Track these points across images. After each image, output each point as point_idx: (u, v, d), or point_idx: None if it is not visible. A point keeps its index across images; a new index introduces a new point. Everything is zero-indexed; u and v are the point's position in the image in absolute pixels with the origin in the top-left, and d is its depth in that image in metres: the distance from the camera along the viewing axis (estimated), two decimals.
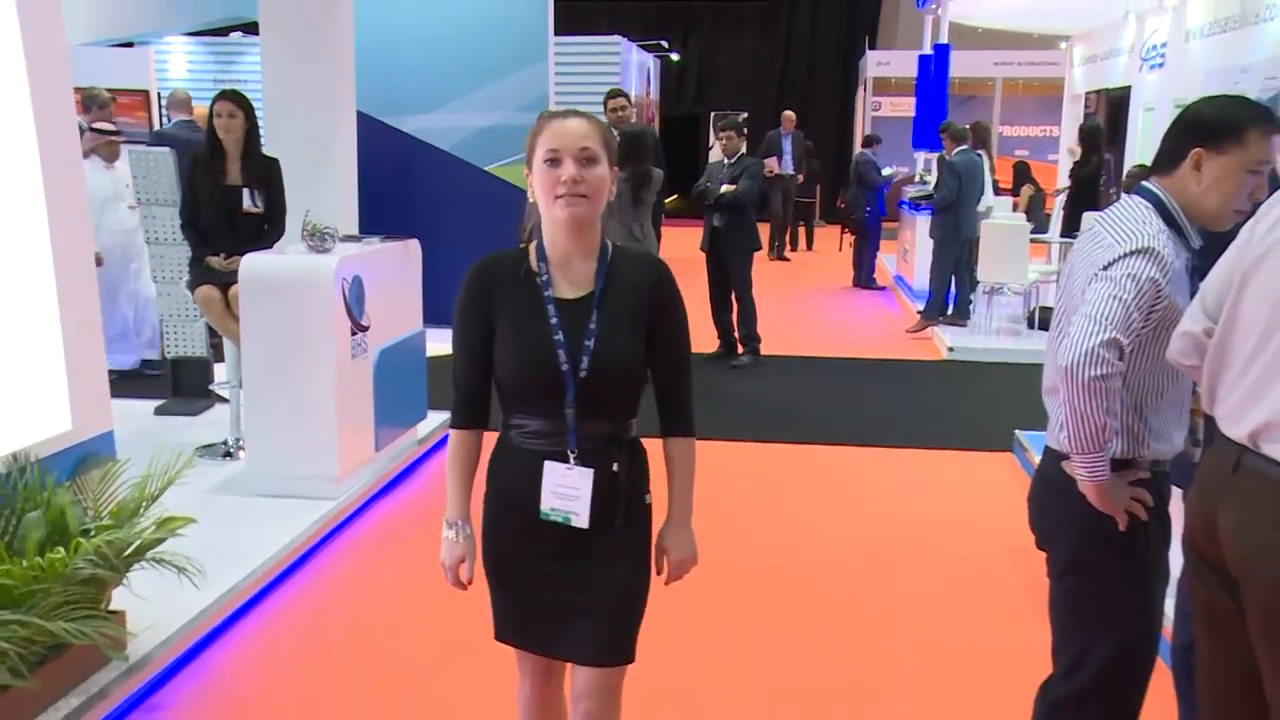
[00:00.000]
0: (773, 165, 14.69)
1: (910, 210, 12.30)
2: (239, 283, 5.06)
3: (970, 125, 10.47)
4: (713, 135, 17.41)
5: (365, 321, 5.24)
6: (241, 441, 5.57)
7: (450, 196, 9.35)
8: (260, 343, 5.01)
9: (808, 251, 16.40)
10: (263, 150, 5.75)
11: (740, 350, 8.69)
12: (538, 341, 2.22)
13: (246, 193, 5.59)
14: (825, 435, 6.79)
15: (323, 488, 5.01)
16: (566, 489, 2.25)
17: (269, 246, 5.46)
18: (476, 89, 9.69)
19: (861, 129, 18.76)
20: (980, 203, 10.02)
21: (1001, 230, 9.46)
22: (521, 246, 2.32)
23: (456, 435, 2.37)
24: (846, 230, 14.44)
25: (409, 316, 5.91)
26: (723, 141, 8.91)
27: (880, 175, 13.05)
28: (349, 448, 5.14)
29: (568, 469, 2.24)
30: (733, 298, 8.64)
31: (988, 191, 10.42)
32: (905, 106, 17.37)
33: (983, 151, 10.43)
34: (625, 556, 2.33)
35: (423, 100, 9.59)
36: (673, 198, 17.73)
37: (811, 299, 12.28)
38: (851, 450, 6.52)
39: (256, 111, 5.74)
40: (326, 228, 5.20)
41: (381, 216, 8.20)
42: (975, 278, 9.82)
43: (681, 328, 2.34)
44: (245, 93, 5.74)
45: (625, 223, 6.99)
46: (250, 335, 5.03)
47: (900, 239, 13.41)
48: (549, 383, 2.22)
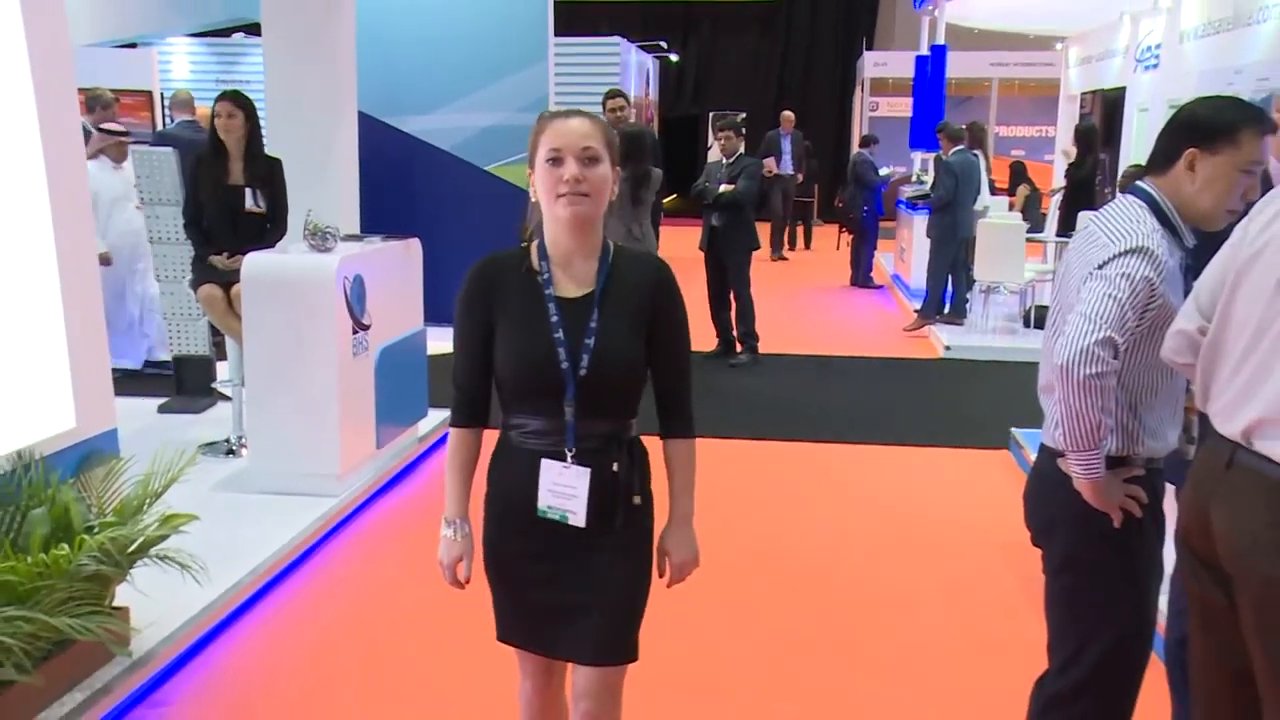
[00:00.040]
0: (771, 165, 14.69)
1: (907, 210, 12.30)
2: (241, 282, 5.06)
3: (967, 125, 10.47)
4: (711, 135, 17.43)
5: (366, 320, 5.25)
6: (244, 439, 5.58)
7: (451, 196, 9.36)
8: (262, 341, 5.01)
9: (805, 250, 16.39)
10: (265, 150, 5.76)
11: (738, 348, 8.69)
12: (538, 340, 2.21)
13: (249, 192, 5.59)
14: (823, 433, 6.79)
15: (324, 485, 5.02)
16: (563, 487, 2.23)
17: (271, 246, 5.45)
18: (477, 89, 9.69)
19: (859, 129, 18.75)
20: (977, 202, 10.03)
21: (998, 230, 9.46)
22: (523, 245, 2.31)
23: (456, 434, 2.36)
24: (844, 229, 14.45)
25: (410, 315, 5.91)
26: (721, 141, 8.92)
27: (877, 175, 13.06)
28: (350, 445, 5.14)
29: (564, 467, 2.23)
30: (731, 296, 8.65)
31: (984, 191, 10.42)
32: (902, 107, 17.35)
33: (979, 151, 10.43)
34: (625, 556, 2.31)
35: (423, 100, 9.59)
36: (671, 197, 17.74)
37: (809, 298, 12.29)
38: (849, 448, 6.52)
39: (259, 112, 5.74)
40: (328, 227, 5.20)
41: (383, 216, 8.21)
42: (972, 277, 9.82)
43: (682, 328, 2.32)
44: (247, 93, 5.74)
45: (625, 222, 6.99)
46: (252, 334, 5.04)
47: (897, 238, 13.41)
48: (549, 381, 2.20)
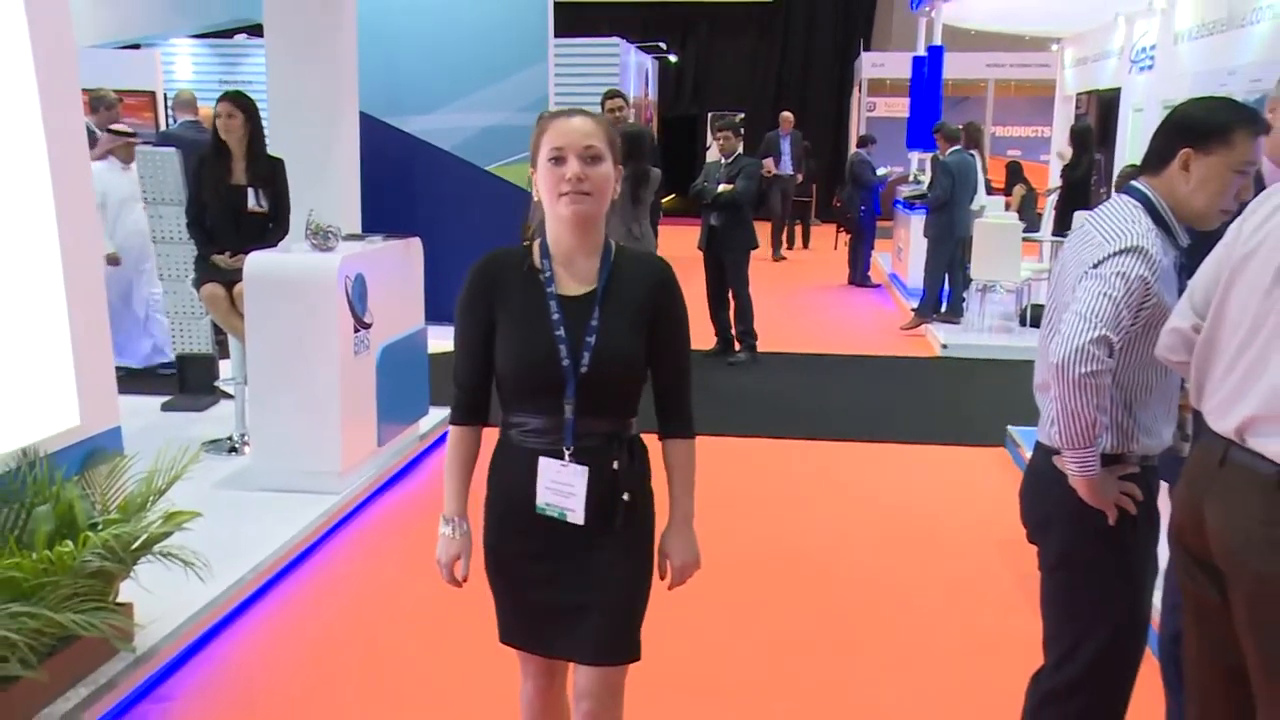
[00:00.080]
0: (770, 166, 14.68)
1: (904, 209, 12.30)
2: (244, 280, 5.06)
3: (963, 126, 10.47)
4: (710, 135, 17.42)
5: (368, 319, 5.25)
6: (246, 437, 5.58)
7: (451, 196, 9.35)
8: (265, 340, 5.01)
9: (804, 250, 16.39)
10: (267, 150, 5.75)
11: (737, 347, 8.69)
12: (539, 337, 2.20)
13: (251, 192, 5.59)
14: (820, 430, 6.79)
15: (326, 482, 5.02)
16: (561, 485, 2.22)
17: (273, 245, 5.46)
18: (477, 90, 9.68)
19: (856, 129, 18.75)
20: (973, 202, 10.03)
21: (994, 229, 9.46)
22: (525, 244, 2.30)
23: (456, 431, 2.35)
24: (842, 229, 14.44)
25: (411, 314, 5.91)
26: (720, 141, 8.92)
27: (875, 175, 13.05)
28: (352, 443, 5.14)
29: (562, 465, 2.21)
30: (729, 295, 8.65)
31: (980, 191, 10.42)
32: (899, 107, 17.34)
33: (975, 152, 10.43)
34: (626, 555, 2.30)
35: (424, 101, 9.59)
36: (670, 197, 17.73)
37: (807, 297, 12.29)
38: (846, 445, 6.52)
39: (261, 112, 5.74)
40: (330, 226, 5.20)
41: (384, 215, 8.21)
42: (968, 276, 9.82)
43: (682, 328, 2.31)
44: (250, 94, 5.74)
45: (625, 221, 6.99)
46: (255, 332, 5.04)
47: (895, 237, 13.41)
48: (549, 378, 2.19)
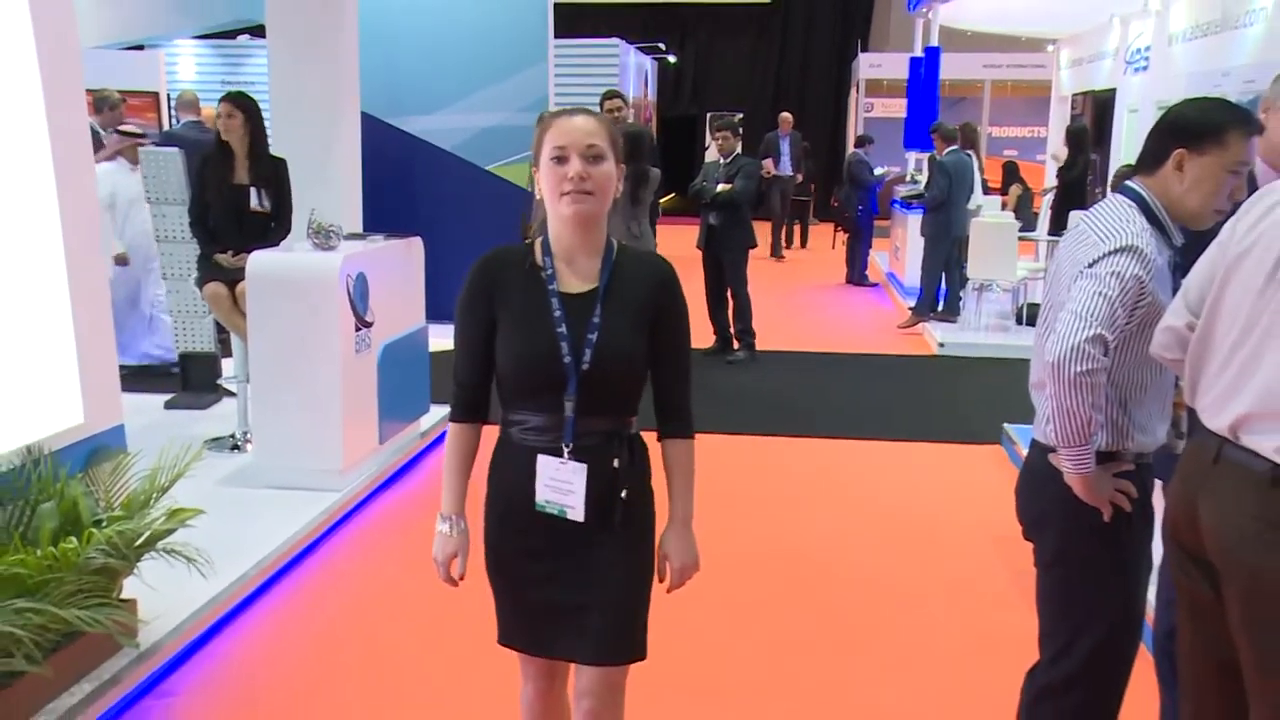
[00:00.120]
0: (770, 167, 14.68)
1: (902, 209, 12.30)
2: (246, 279, 5.06)
3: (959, 126, 10.48)
4: (709, 135, 17.42)
5: (369, 317, 5.25)
6: (249, 435, 5.58)
7: (452, 195, 9.35)
8: (267, 338, 5.01)
9: (802, 249, 16.40)
10: (270, 150, 5.75)
11: (736, 345, 8.70)
12: (541, 334, 2.19)
13: (254, 192, 5.59)
14: (818, 428, 6.79)
15: (328, 480, 5.02)
16: (560, 482, 2.20)
17: (275, 244, 5.46)
18: (478, 90, 9.68)
19: (854, 129, 18.74)
20: (970, 201, 10.03)
21: (990, 228, 9.47)
22: (526, 242, 2.29)
23: (455, 429, 2.34)
24: (839, 228, 14.44)
25: (412, 312, 5.91)
26: (719, 141, 8.92)
27: (872, 175, 13.06)
28: (353, 441, 5.14)
29: (561, 463, 2.20)
30: (728, 294, 8.65)
31: (977, 190, 10.42)
32: (897, 108, 17.35)
33: (972, 152, 10.44)
34: (626, 553, 2.28)
35: (425, 101, 9.59)
36: (669, 197, 17.72)
37: (805, 295, 12.29)
38: (844, 443, 6.53)
39: (263, 113, 5.74)
40: (331, 226, 5.20)
41: (385, 215, 8.21)
42: (965, 275, 9.82)
43: (683, 328, 2.30)
44: (252, 94, 5.74)
45: (624, 220, 6.99)
46: (257, 331, 5.04)
47: (892, 237, 13.41)
48: (551, 375, 2.18)
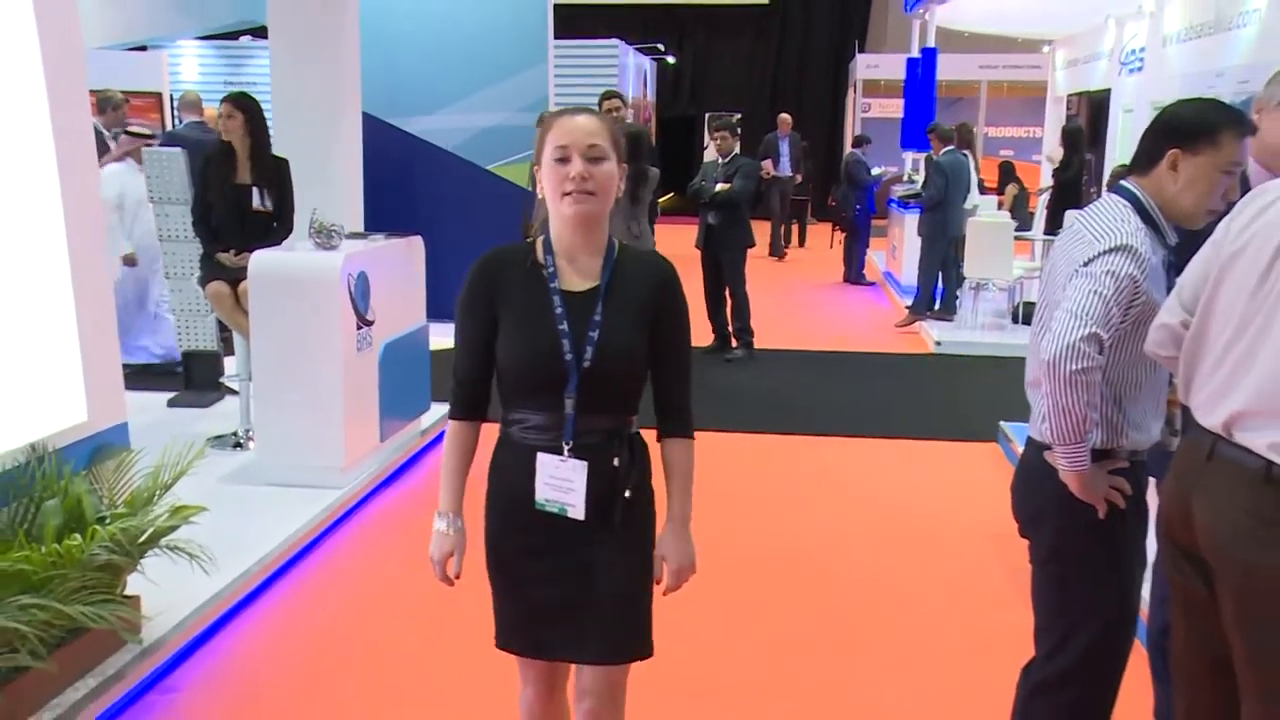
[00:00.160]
0: (769, 168, 14.68)
1: (899, 208, 12.30)
2: (248, 278, 5.07)
3: (956, 126, 10.48)
4: (707, 135, 17.41)
5: (370, 316, 5.25)
6: (251, 432, 5.58)
7: (453, 195, 9.34)
8: (269, 337, 5.02)
9: (800, 248, 16.40)
10: (272, 151, 5.75)
11: (734, 344, 8.70)
12: (542, 332, 2.17)
13: (256, 191, 5.59)
14: (816, 426, 6.80)
15: (329, 477, 5.02)
16: (560, 481, 2.19)
17: (277, 243, 5.46)
18: (478, 90, 9.68)
19: (851, 129, 18.75)
20: (966, 201, 10.04)
21: (987, 228, 9.47)
22: (528, 241, 2.28)
23: (455, 426, 2.32)
24: (837, 228, 14.44)
25: (413, 311, 5.92)
26: (717, 141, 8.91)
27: (870, 174, 13.07)
28: (355, 439, 5.15)
29: (561, 461, 2.18)
30: (727, 293, 8.65)
31: (973, 190, 10.43)
32: (894, 108, 17.35)
33: (968, 152, 10.44)
34: (626, 552, 2.26)
35: (426, 101, 9.59)
36: (668, 196, 17.72)
37: (803, 294, 12.29)
38: (841, 441, 6.53)
39: (265, 113, 5.73)
40: (333, 225, 5.20)
41: (386, 214, 8.21)
42: (961, 274, 9.83)
43: (684, 328, 2.29)
44: (254, 95, 5.74)
45: (625, 220, 6.99)
46: (259, 329, 5.04)
47: (889, 236, 13.41)
48: (552, 373, 2.16)
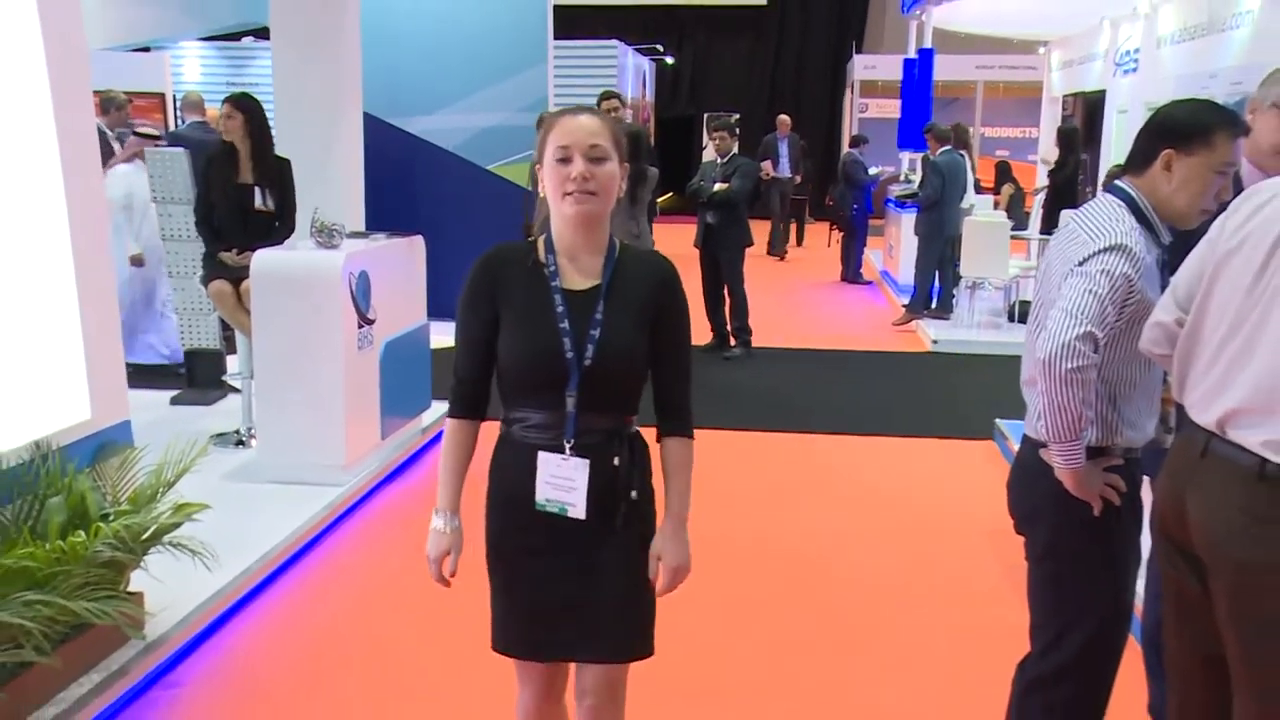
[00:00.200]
0: (769, 169, 14.68)
1: (896, 208, 12.30)
2: (250, 277, 5.07)
3: (952, 127, 10.47)
4: (706, 136, 17.42)
5: (371, 315, 5.25)
6: (253, 430, 5.57)
7: (453, 194, 9.35)
8: (271, 335, 5.02)
9: (798, 247, 16.40)
10: (275, 151, 5.75)
11: (732, 342, 8.70)
12: (543, 330, 2.16)
13: (258, 191, 5.59)
14: (814, 424, 6.80)
15: (331, 475, 5.02)
16: (561, 480, 2.17)
17: (279, 243, 5.46)
18: (478, 91, 9.68)
19: (849, 130, 18.73)
20: (963, 200, 10.03)
21: (983, 227, 9.47)
22: (529, 239, 2.27)
23: (454, 424, 2.30)
24: (835, 227, 14.44)
25: (414, 310, 5.91)
26: (715, 141, 8.91)
27: (867, 174, 13.07)
28: (356, 436, 5.15)
29: (562, 459, 2.16)
30: (725, 292, 8.65)
31: (969, 190, 10.43)
32: (891, 108, 17.32)
33: (964, 152, 10.44)
34: (627, 552, 2.24)
35: (427, 102, 9.58)
36: (667, 196, 17.72)
37: (801, 293, 12.29)
38: (839, 438, 6.53)
39: (267, 113, 5.73)
40: (334, 225, 5.20)
41: (387, 214, 8.21)
42: (958, 273, 9.83)
43: (684, 328, 2.27)
44: (256, 95, 5.74)
45: (624, 219, 6.99)
46: (261, 328, 5.04)
47: (886, 235, 13.41)
48: (553, 371, 2.15)
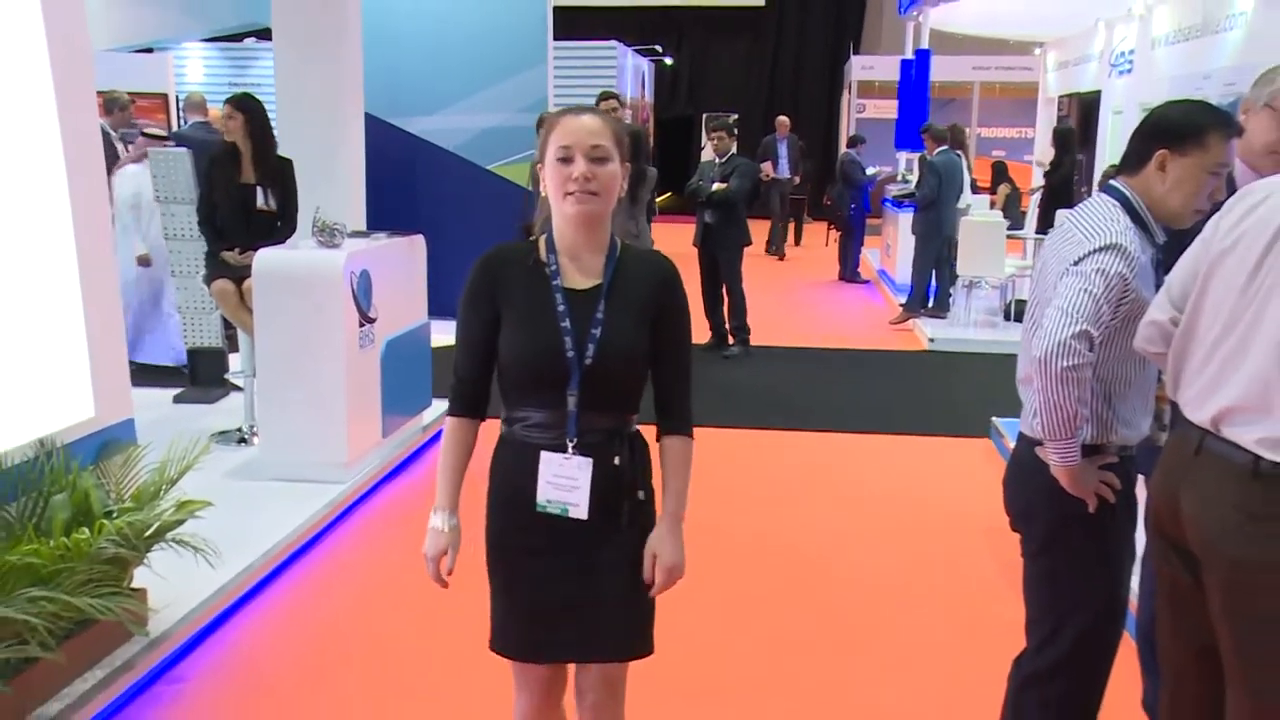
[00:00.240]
0: (768, 170, 14.67)
1: (893, 207, 12.31)
2: (252, 277, 5.07)
3: (948, 127, 10.47)
4: (704, 136, 17.42)
5: (373, 313, 5.25)
6: (255, 428, 5.58)
7: (453, 194, 9.34)
8: (273, 334, 5.02)
9: (796, 247, 16.40)
10: (277, 151, 5.75)
11: (731, 341, 8.70)
12: (544, 329, 2.15)
13: (260, 191, 5.59)
14: (812, 422, 6.80)
15: (332, 472, 5.03)
16: (564, 479, 2.16)
17: (281, 242, 5.46)
18: (479, 91, 9.69)
19: (846, 130, 18.72)
20: (959, 200, 10.04)
21: (979, 227, 9.47)
22: (530, 239, 2.26)
23: (453, 423, 2.28)
24: (832, 226, 14.44)
25: (414, 309, 5.91)
26: (714, 141, 8.91)
27: (864, 174, 13.06)
28: (357, 434, 5.15)
29: (565, 458, 2.15)
30: (724, 290, 8.65)
31: (966, 190, 10.42)
32: (888, 109, 17.33)
33: (960, 152, 10.44)
34: (627, 551, 2.22)
35: (427, 102, 9.59)
36: (666, 196, 17.71)
37: (799, 292, 12.29)
38: (837, 436, 6.54)
39: (269, 114, 5.73)
40: (336, 224, 5.20)
41: (388, 213, 8.20)
42: (955, 272, 9.83)
43: (685, 327, 2.26)
44: (259, 96, 5.73)
45: (625, 219, 6.99)
46: (263, 327, 5.04)
47: (883, 235, 13.42)
48: (554, 370, 2.14)
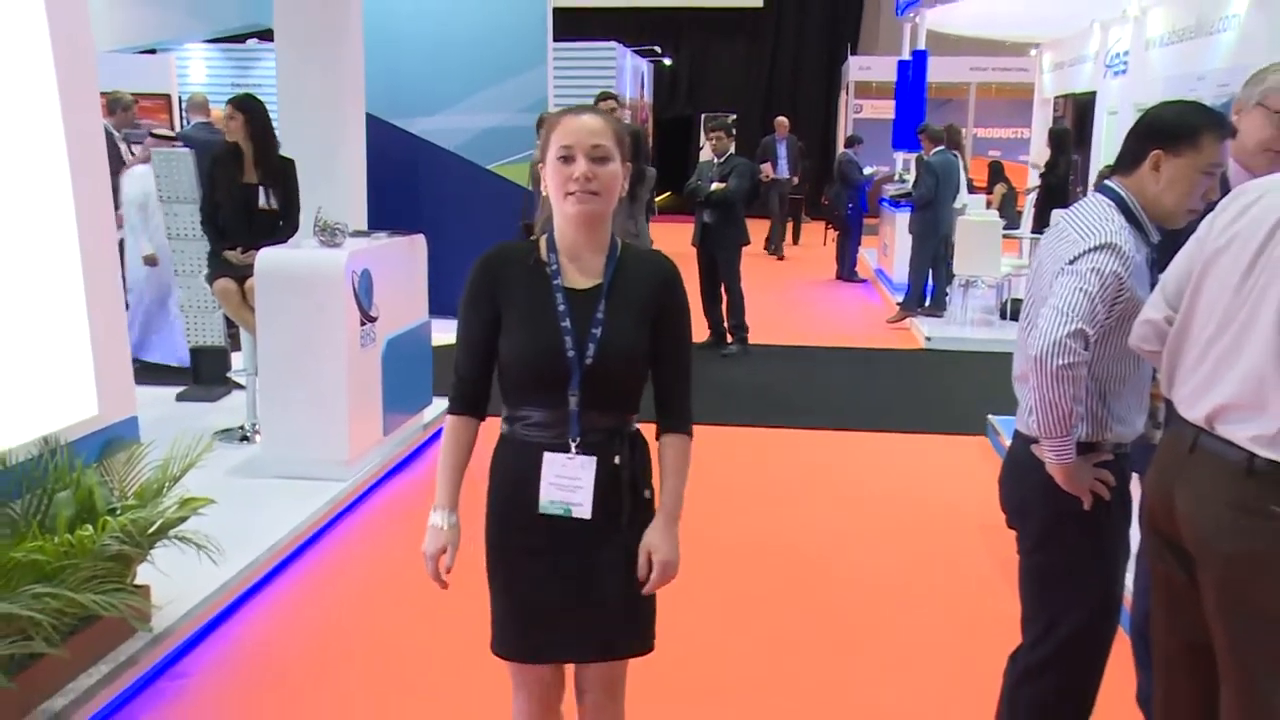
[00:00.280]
0: (768, 171, 14.65)
1: (890, 207, 12.31)
2: (255, 276, 5.07)
3: (944, 127, 10.47)
4: (703, 136, 17.41)
5: (374, 312, 5.25)
6: (257, 426, 5.58)
7: (454, 194, 9.34)
8: (275, 333, 5.02)
9: (794, 246, 16.40)
10: (279, 151, 5.75)
11: (729, 339, 8.70)
12: (545, 328, 2.14)
13: (262, 190, 5.59)
14: (809, 420, 6.80)
15: (334, 470, 5.03)
16: (566, 479, 2.15)
17: (283, 241, 5.46)
18: (479, 91, 9.68)
19: (844, 130, 18.71)
20: (956, 200, 10.04)
21: (976, 226, 9.48)
22: (532, 239, 2.25)
23: (454, 422, 2.26)
24: (830, 226, 14.44)
25: (415, 308, 5.91)
26: (713, 142, 8.90)
27: (862, 174, 13.06)
28: (359, 432, 5.15)
29: (568, 458, 2.14)
30: (722, 289, 8.65)
31: (963, 189, 10.43)
32: (885, 109, 17.31)
33: (957, 152, 10.44)
34: (627, 551, 2.20)
35: (428, 102, 9.58)
36: (665, 195, 17.70)
37: (797, 291, 12.29)
38: (834, 434, 6.54)
39: (271, 114, 5.73)
40: (337, 224, 5.20)
41: (389, 213, 8.20)
42: (951, 271, 9.83)
43: (685, 327, 2.26)
44: (260, 96, 5.73)
45: (625, 218, 6.99)
46: (265, 325, 5.04)
47: (881, 234, 13.42)
48: (554, 370, 2.13)
